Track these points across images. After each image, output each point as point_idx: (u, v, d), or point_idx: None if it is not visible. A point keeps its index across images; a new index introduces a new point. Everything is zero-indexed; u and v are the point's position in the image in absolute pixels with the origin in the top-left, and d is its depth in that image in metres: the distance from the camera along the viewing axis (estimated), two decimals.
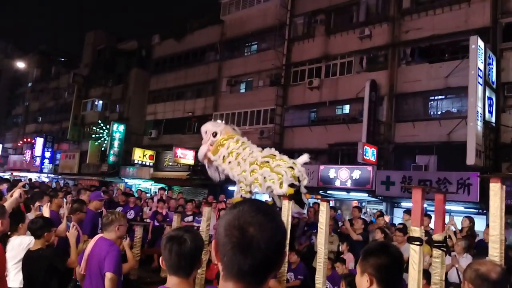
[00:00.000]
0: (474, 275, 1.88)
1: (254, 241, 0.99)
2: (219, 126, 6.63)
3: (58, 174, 31.14)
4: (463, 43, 13.76)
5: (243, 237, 0.99)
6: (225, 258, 1.02)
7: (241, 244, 0.99)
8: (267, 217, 1.02)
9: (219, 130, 6.40)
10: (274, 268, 1.04)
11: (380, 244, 1.75)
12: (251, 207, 1.04)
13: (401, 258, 1.70)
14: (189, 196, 17.05)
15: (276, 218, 1.05)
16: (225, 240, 1.01)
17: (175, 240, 2.00)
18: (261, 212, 1.02)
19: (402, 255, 1.74)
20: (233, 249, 1.00)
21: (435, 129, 14.14)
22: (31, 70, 40.60)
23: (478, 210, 12.43)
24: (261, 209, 1.04)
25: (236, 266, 1.00)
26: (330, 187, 15.07)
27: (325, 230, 4.38)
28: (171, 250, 1.98)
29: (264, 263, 1.00)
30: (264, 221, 1.01)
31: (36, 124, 38.38)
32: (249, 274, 1.00)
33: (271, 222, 1.02)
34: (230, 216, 1.03)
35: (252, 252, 0.98)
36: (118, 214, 3.78)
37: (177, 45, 25.52)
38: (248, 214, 1.02)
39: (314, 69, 18.33)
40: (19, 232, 3.96)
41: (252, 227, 1.00)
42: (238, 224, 1.01)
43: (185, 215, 9.30)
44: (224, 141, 6.25)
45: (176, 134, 24.13)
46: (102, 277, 3.59)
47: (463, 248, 5.50)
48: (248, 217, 1.01)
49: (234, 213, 1.03)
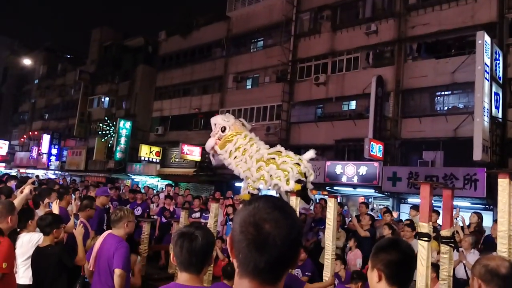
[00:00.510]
0: (483, 270, 1.87)
1: (270, 238, 0.98)
2: (229, 121, 6.63)
3: (64, 171, 31.32)
4: (469, 38, 13.66)
5: (258, 234, 0.98)
6: (241, 255, 1.01)
7: (257, 241, 0.98)
8: (283, 213, 1.01)
9: (228, 125, 6.41)
10: (290, 265, 1.03)
11: (391, 240, 1.73)
12: (266, 203, 1.03)
13: (413, 255, 1.68)
14: (195, 193, 17.10)
15: (292, 214, 1.04)
16: (240, 237, 1.01)
17: (187, 237, 1.99)
18: (277, 209, 1.01)
19: (414, 252, 1.71)
20: (249, 246, 0.99)
21: (442, 125, 14.07)
22: (37, 67, 40.79)
23: (484, 206, 12.37)
24: (277, 205, 1.02)
25: (252, 263, 0.99)
26: (337, 183, 15.06)
27: (333, 226, 4.39)
28: (182, 247, 1.97)
29: (280, 260, 0.99)
30: (280, 218, 1.00)
31: (42, 121, 38.59)
32: (264, 271, 0.99)
33: (287, 219, 1.01)
34: (245, 213, 1.02)
35: (268, 249, 0.97)
36: (127, 211, 3.80)
37: (183, 42, 25.54)
38: (264, 210, 1.01)
39: (321, 65, 18.28)
40: (29, 229, 3.98)
41: (268, 223, 0.99)
42: (253, 220, 1.00)
43: (192, 212, 9.34)
44: (232, 137, 6.26)
45: (183, 131, 24.19)
46: (111, 273, 3.61)
47: (470, 244, 5.49)
48: (264, 214, 1.00)
49: (249, 209, 1.02)
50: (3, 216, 3.19)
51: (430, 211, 3.00)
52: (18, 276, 3.76)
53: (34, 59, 39.21)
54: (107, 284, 3.63)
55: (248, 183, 6.05)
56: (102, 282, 3.66)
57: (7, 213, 3.22)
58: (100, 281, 3.67)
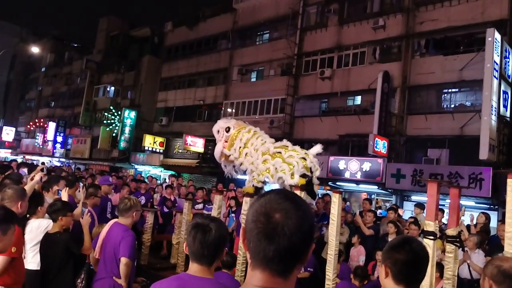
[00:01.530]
0: (496, 271, 1.86)
1: (279, 227, 0.99)
2: (231, 121, 6.59)
3: (69, 159, 31.52)
4: (479, 35, 13.52)
5: (268, 223, 1.00)
6: (251, 244, 1.02)
7: (266, 230, 1.00)
8: (294, 204, 1.02)
9: (231, 125, 6.35)
10: (300, 257, 1.03)
11: (404, 239, 1.73)
12: (278, 194, 1.05)
13: (423, 256, 1.66)
14: (198, 184, 17.17)
15: (303, 206, 1.05)
16: (251, 226, 1.02)
17: (201, 228, 2.00)
18: (288, 200, 1.03)
19: (425, 253, 1.70)
20: (258, 235, 1.00)
21: (448, 123, 13.99)
22: (44, 55, 40.83)
23: (489, 206, 12.34)
24: (288, 196, 1.04)
25: (262, 252, 1.00)
26: (340, 178, 15.04)
27: (337, 222, 4.40)
28: (196, 238, 1.99)
29: (289, 250, 0.99)
30: (290, 208, 1.01)
31: (48, 108, 38.75)
32: (274, 261, 0.99)
33: (297, 210, 1.02)
34: (258, 204, 1.04)
35: (277, 238, 0.99)
36: (135, 200, 3.84)
37: (189, 33, 25.47)
38: (275, 201, 1.03)
39: (326, 59, 18.18)
40: (38, 215, 4.02)
41: (278, 213, 1.00)
42: (264, 210, 1.02)
43: (195, 203, 9.38)
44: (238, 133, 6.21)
45: (187, 122, 24.21)
46: (116, 261, 3.65)
47: (475, 244, 5.46)
48: (275, 204, 1.02)
49: (261, 201, 1.05)
50: (14, 201, 3.22)
51: (437, 210, 2.99)
52: (26, 262, 3.81)
53: (41, 47, 39.18)
54: (112, 272, 3.67)
55: (253, 176, 6.01)
56: (108, 270, 3.70)
57: (18, 199, 3.26)
58: (106, 269, 3.71)
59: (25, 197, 3.38)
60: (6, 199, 3.23)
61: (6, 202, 3.19)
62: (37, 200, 4.09)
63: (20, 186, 3.45)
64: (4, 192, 3.31)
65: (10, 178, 4.63)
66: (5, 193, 3.28)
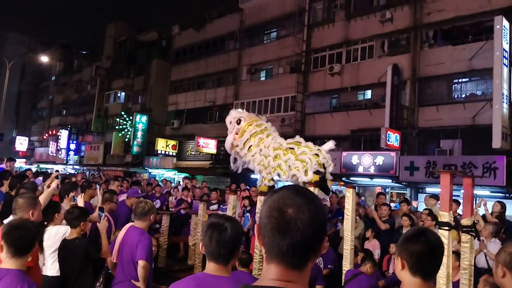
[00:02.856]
0: (509, 258, 1.86)
1: (292, 222, 1.02)
2: (243, 113, 6.57)
3: (83, 165, 31.92)
4: (487, 23, 13.35)
5: (282, 217, 1.03)
6: (266, 239, 1.06)
7: (280, 224, 1.03)
8: (305, 199, 1.06)
9: (242, 117, 6.32)
10: (313, 250, 1.06)
11: (419, 230, 1.73)
12: (290, 190, 1.08)
13: (438, 247, 1.67)
14: (211, 185, 17.24)
15: (315, 201, 1.08)
16: (265, 221, 1.06)
17: (216, 228, 2.02)
18: (300, 195, 1.06)
19: (441, 244, 1.70)
20: (272, 230, 1.04)
21: (460, 113, 13.84)
22: (54, 64, 41.39)
23: (504, 194, 12.18)
24: (300, 192, 1.08)
25: (276, 247, 1.03)
26: (353, 173, 14.99)
27: (352, 217, 4.40)
28: (212, 237, 2.00)
29: (302, 244, 1.02)
30: (303, 203, 1.04)
31: (60, 117, 39.28)
32: (288, 254, 1.03)
33: (310, 204, 1.05)
34: (271, 200, 1.08)
35: (291, 232, 1.02)
36: (151, 204, 3.91)
37: (196, 35, 25.59)
38: (287, 196, 1.06)
39: (335, 54, 18.11)
40: (55, 222, 4.10)
41: (291, 208, 1.04)
42: (278, 206, 1.05)
43: (210, 204, 9.43)
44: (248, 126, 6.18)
45: (198, 124, 24.34)
46: (134, 265, 3.69)
47: (490, 233, 5.42)
48: (287, 199, 1.05)
49: (274, 197, 1.08)
50: (25, 210, 3.24)
51: (450, 200, 2.99)
52: (46, 268, 3.88)
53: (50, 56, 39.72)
54: (130, 276, 3.71)
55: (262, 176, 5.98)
56: (126, 273, 3.73)
57: (29, 208, 3.27)
58: (124, 273, 3.74)
59: (37, 206, 3.40)
60: (17, 208, 3.26)
61: (18, 212, 3.23)
62: (54, 207, 4.17)
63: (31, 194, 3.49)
64: (15, 202, 3.34)
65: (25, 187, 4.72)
66: (16, 202, 3.31)
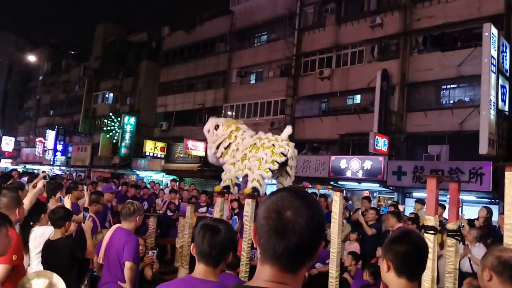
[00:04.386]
0: (496, 262, 1.88)
1: (289, 224, 1.02)
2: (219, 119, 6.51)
3: (70, 167, 31.56)
4: (476, 30, 13.54)
5: (279, 220, 1.03)
6: (262, 240, 1.05)
7: (277, 226, 1.02)
8: (305, 202, 1.06)
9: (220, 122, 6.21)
10: (309, 255, 1.05)
11: (403, 232, 1.76)
12: (289, 192, 1.08)
13: (423, 247, 1.69)
14: (200, 188, 17.17)
15: (314, 205, 1.07)
16: (262, 222, 1.05)
17: (210, 229, 2.03)
18: (299, 198, 1.06)
19: (425, 245, 1.73)
20: (269, 231, 1.03)
21: (447, 118, 14.01)
22: (41, 63, 40.93)
23: (490, 200, 12.34)
24: (299, 195, 1.07)
25: (272, 248, 1.03)
26: (341, 177, 15.07)
27: (338, 220, 4.41)
28: (204, 237, 2.02)
29: (298, 247, 1.02)
30: (301, 206, 1.04)
31: (47, 117, 38.81)
32: (283, 257, 1.02)
33: (308, 207, 1.05)
34: (269, 201, 1.07)
35: (287, 235, 1.01)
36: (138, 205, 3.88)
37: (187, 37, 25.52)
38: (286, 199, 1.06)
39: (325, 59, 18.22)
40: (41, 222, 4.05)
41: (289, 210, 1.03)
42: (276, 207, 1.05)
43: (199, 206, 9.39)
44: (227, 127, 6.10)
45: (187, 126, 24.24)
46: (120, 266, 3.67)
47: (475, 238, 5.50)
48: (286, 202, 1.05)
49: (273, 198, 1.08)
50: (11, 209, 3.24)
51: (436, 205, 3.02)
52: (31, 269, 3.82)
53: (38, 56, 39.31)
54: (117, 277, 3.68)
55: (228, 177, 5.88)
56: (112, 275, 3.70)
57: (14, 206, 3.28)
58: (110, 274, 3.72)
59: (21, 204, 3.41)
60: (2, 207, 3.23)
61: (3, 211, 3.20)
62: (40, 208, 4.12)
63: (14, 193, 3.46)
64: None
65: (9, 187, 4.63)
66: (1, 201, 3.29)
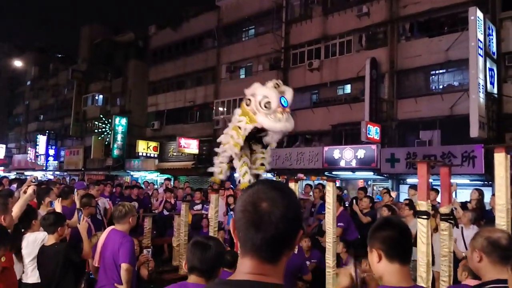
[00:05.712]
0: (485, 242, 1.90)
1: (266, 216, 1.02)
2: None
3: (63, 171, 31.34)
4: (461, 15, 13.58)
5: (255, 212, 1.03)
6: (240, 233, 1.06)
7: (254, 218, 1.03)
8: (280, 193, 1.06)
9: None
10: (287, 245, 1.06)
11: (383, 219, 1.81)
12: (265, 184, 1.09)
13: (406, 229, 1.70)
14: (195, 185, 17.12)
15: (291, 195, 1.08)
16: (240, 216, 1.06)
17: (200, 246, 2.16)
18: (275, 189, 1.06)
19: (407, 226, 1.75)
20: (246, 224, 1.04)
21: (438, 104, 14.08)
22: (29, 68, 40.50)
23: (483, 182, 12.46)
24: (275, 186, 1.08)
25: (250, 241, 1.03)
26: (335, 168, 15.11)
27: (333, 210, 4.43)
28: (195, 254, 2.15)
29: (276, 238, 1.03)
30: (277, 197, 1.05)
31: (38, 122, 38.45)
32: (262, 248, 1.03)
33: (284, 198, 1.05)
34: (246, 194, 1.08)
35: (264, 226, 1.02)
36: (129, 206, 3.85)
37: (174, 34, 25.34)
38: (262, 191, 1.06)
39: (314, 50, 18.19)
40: (33, 229, 4.00)
41: (265, 202, 1.04)
42: (252, 200, 1.05)
43: (194, 204, 9.37)
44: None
45: (179, 124, 24.16)
46: (116, 268, 3.65)
47: (469, 220, 5.56)
48: (262, 194, 1.05)
49: (249, 191, 1.08)
50: None
51: (428, 189, 3.04)
52: (26, 276, 3.81)
53: (25, 61, 38.88)
54: (113, 279, 3.66)
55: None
56: (108, 277, 3.68)
57: (1, 213, 3.25)
58: (106, 277, 3.70)
59: (8, 211, 3.38)
60: None
61: None
62: (31, 214, 4.08)
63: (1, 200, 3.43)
64: None
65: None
66: None
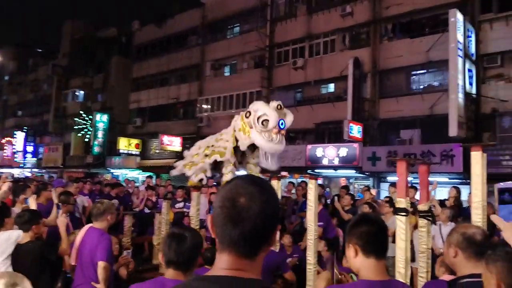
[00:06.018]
0: (461, 238, 1.93)
1: (243, 211, 1.01)
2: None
3: (42, 168, 30.72)
4: (442, 16, 13.83)
5: (233, 207, 1.02)
6: (218, 229, 1.05)
7: (232, 214, 1.02)
8: (259, 189, 1.05)
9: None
10: (265, 240, 1.05)
11: (360, 216, 1.83)
12: (244, 179, 1.08)
13: (382, 225, 1.73)
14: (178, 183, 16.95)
15: (269, 191, 1.07)
16: (218, 212, 1.05)
17: (176, 237, 2.11)
18: (253, 184, 1.05)
19: (383, 222, 1.78)
20: (224, 219, 1.02)
21: (418, 103, 14.30)
22: (6, 63, 39.60)
23: (462, 180, 12.71)
24: (254, 181, 1.07)
25: (227, 236, 1.02)
26: (318, 166, 15.22)
27: (314, 207, 4.44)
28: (171, 246, 2.09)
29: (253, 234, 1.02)
30: (255, 193, 1.03)
31: (16, 118, 37.67)
32: (239, 244, 1.02)
33: (262, 194, 1.04)
34: (224, 190, 1.07)
35: (242, 221, 1.01)
36: (108, 203, 3.80)
37: (158, 31, 25.08)
38: (240, 186, 1.05)
39: (298, 49, 18.26)
40: (6, 227, 3.89)
41: (243, 197, 1.02)
42: (230, 195, 1.04)
43: (175, 202, 9.29)
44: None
45: (162, 121, 23.94)
46: (94, 266, 3.59)
47: (447, 217, 5.68)
48: (240, 189, 1.04)
49: (227, 187, 1.07)
50: None
51: (407, 187, 3.08)
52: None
53: (3, 55, 38.01)
54: (90, 278, 3.60)
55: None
56: (85, 276, 3.63)
57: None
58: (83, 275, 3.64)
59: None
60: None
61: None
62: (4, 212, 3.97)
63: None
64: None
65: None
66: None
